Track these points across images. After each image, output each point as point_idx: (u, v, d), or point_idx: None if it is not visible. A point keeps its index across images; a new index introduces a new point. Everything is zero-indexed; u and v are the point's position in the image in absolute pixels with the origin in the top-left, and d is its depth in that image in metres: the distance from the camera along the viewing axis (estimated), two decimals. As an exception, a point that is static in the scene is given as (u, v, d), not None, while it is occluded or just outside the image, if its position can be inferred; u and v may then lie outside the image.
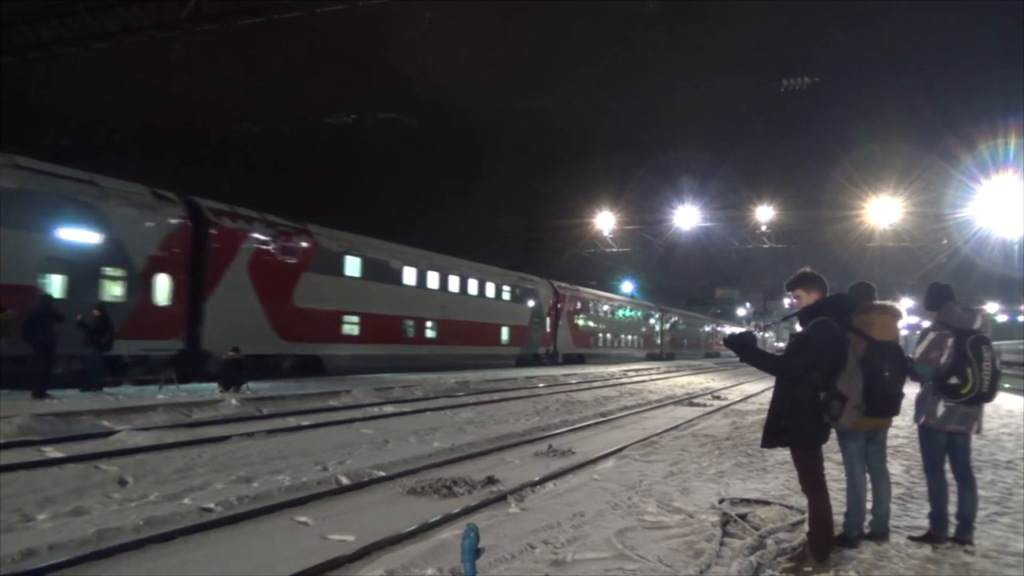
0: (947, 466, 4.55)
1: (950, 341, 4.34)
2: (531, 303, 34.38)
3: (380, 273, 23.88)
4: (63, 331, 12.32)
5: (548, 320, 36.15)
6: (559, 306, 37.21)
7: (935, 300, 4.61)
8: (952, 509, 4.52)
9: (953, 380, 4.27)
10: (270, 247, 19.44)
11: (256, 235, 19.05)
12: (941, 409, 4.38)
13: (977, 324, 4.44)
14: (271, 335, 19.15)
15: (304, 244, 20.60)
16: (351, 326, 22.49)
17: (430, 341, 26.87)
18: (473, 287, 29.92)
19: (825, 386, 3.79)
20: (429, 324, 26.71)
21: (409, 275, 25.46)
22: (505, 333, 32.36)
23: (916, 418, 4.54)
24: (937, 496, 4.49)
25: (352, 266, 22.53)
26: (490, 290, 31.33)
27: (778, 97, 23.26)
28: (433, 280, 26.98)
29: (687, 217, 34.09)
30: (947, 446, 4.49)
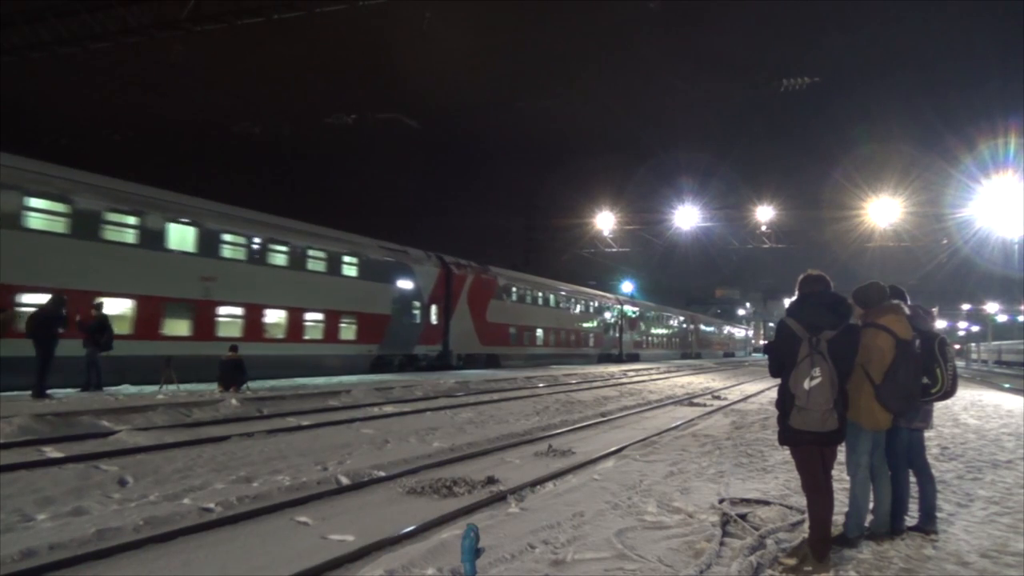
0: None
1: (917, 343, 4.45)
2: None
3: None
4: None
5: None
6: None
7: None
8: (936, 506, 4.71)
9: (924, 380, 4.43)
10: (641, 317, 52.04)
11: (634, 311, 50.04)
12: None
13: (936, 326, 4.62)
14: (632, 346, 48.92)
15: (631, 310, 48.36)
16: (645, 338, 54.37)
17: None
18: None
19: (784, 385, 3.93)
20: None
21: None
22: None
23: None
24: (900, 493, 4.63)
25: (643, 323, 54.07)
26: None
27: (778, 97, 23.29)
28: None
29: (687, 217, 34.11)
30: (908, 442, 4.67)
